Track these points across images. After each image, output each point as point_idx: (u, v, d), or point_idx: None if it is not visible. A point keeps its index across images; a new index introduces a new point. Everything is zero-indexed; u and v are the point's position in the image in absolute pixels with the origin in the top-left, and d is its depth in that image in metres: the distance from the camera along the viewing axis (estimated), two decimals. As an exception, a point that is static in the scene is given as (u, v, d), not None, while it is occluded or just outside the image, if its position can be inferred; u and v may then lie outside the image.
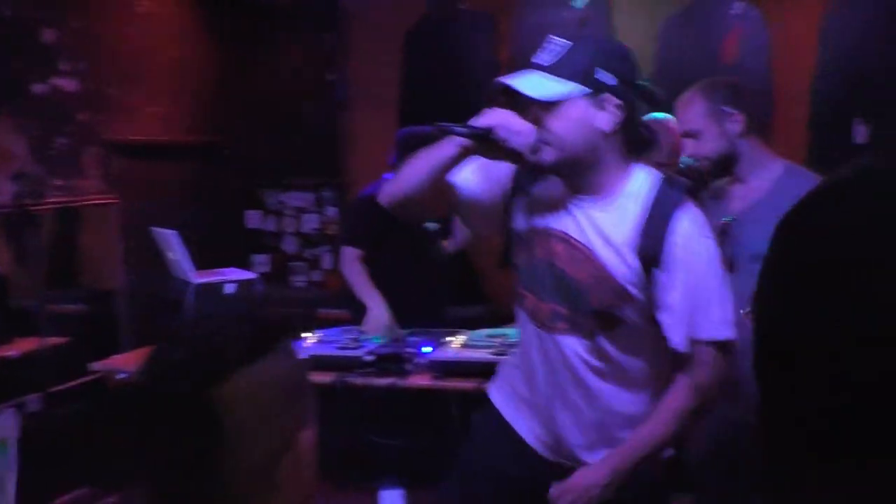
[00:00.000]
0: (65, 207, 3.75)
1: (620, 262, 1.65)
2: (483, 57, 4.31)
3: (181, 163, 4.36)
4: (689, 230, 1.64)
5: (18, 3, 3.49)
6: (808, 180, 2.20)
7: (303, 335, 3.26)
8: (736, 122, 2.23)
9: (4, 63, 3.44)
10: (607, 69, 1.62)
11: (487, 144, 1.68)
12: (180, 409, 0.90)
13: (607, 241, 1.67)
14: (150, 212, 3.92)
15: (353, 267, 3.46)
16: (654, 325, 1.68)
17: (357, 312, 3.34)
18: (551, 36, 1.68)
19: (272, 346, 0.94)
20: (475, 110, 4.63)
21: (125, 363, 3.55)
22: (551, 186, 1.75)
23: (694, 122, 2.24)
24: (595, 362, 1.72)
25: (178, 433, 0.90)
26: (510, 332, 3.20)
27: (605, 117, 1.62)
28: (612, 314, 1.68)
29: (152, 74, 4.17)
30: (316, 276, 4.68)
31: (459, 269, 3.74)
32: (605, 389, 1.72)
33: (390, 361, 2.95)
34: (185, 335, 0.96)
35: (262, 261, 4.71)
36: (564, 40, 1.66)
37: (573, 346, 1.72)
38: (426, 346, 3.01)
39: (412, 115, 4.40)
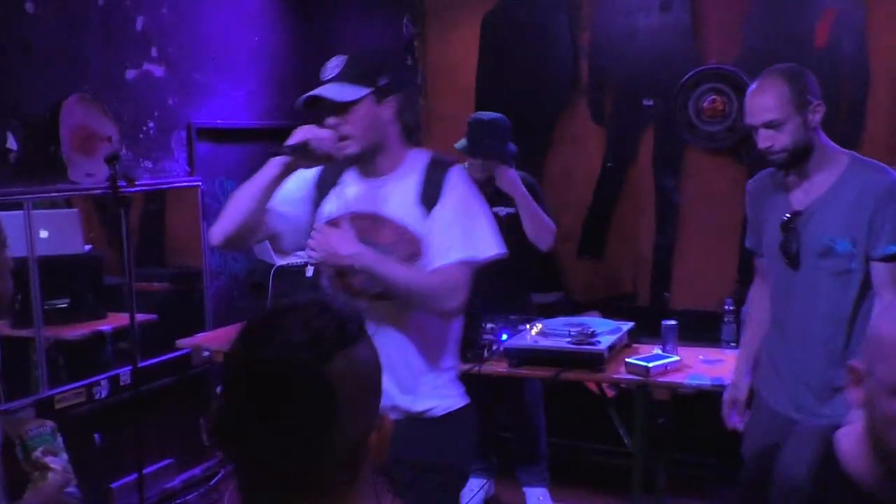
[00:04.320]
0: (153, 189, 3.88)
1: (413, 218, 2.01)
2: (562, 41, 4.26)
3: (264, 146, 4.46)
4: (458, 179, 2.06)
5: (112, -8, 3.61)
6: (873, 171, 2.13)
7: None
8: (817, 113, 2.14)
9: (100, 51, 3.57)
10: (383, 72, 2.01)
11: (305, 155, 1.99)
12: (303, 381, 0.92)
13: (400, 205, 2.02)
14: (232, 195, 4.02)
15: None
16: None
17: None
18: (333, 57, 2.06)
19: (361, 332, 0.99)
20: (554, 95, 4.58)
21: (210, 341, 3.69)
22: (348, 178, 2.11)
23: (776, 111, 2.12)
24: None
25: (301, 403, 0.92)
26: (587, 320, 3.19)
27: (387, 111, 2.01)
28: (414, 264, 2.01)
29: (235, 59, 4.27)
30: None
31: (536, 257, 3.73)
32: (400, 338, 1.99)
33: (467, 348, 2.97)
34: (279, 318, 0.98)
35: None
36: (341, 56, 2.04)
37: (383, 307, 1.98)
38: (504, 333, 3.02)
39: (490, 100, 4.39)
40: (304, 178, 2.10)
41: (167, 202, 4.18)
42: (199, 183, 4.02)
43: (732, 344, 3.39)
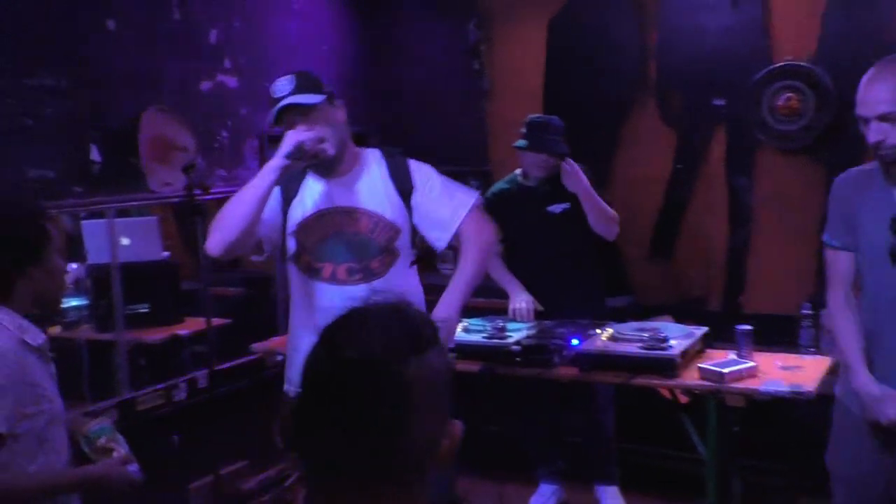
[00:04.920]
0: (227, 197, 3.97)
1: (389, 204, 2.35)
2: (629, 42, 4.20)
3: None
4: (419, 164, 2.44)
5: (187, 6, 3.72)
6: None
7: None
8: None
9: (176, 64, 3.69)
10: (323, 84, 2.34)
11: (300, 156, 2.23)
12: (380, 382, 0.95)
13: (373, 195, 2.35)
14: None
15: (491, 262, 3.54)
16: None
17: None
18: (277, 79, 2.34)
19: (434, 338, 1.01)
20: (622, 96, 4.56)
21: (282, 345, 3.75)
22: (311, 182, 2.40)
23: (893, 103, 1.97)
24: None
25: (377, 403, 0.94)
26: (659, 325, 3.14)
27: (341, 114, 2.36)
28: (392, 247, 2.36)
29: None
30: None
31: (602, 253, 3.69)
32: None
33: (537, 353, 2.96)
34: (358, 324, 1.01)
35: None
36: (287, 76, 2.32)
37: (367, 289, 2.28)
38: (575, 338, 3.00)
39: (557, 102, 4.37)
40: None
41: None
42: (271, 190, 4.10)
43: (812, 349, 3.30)
